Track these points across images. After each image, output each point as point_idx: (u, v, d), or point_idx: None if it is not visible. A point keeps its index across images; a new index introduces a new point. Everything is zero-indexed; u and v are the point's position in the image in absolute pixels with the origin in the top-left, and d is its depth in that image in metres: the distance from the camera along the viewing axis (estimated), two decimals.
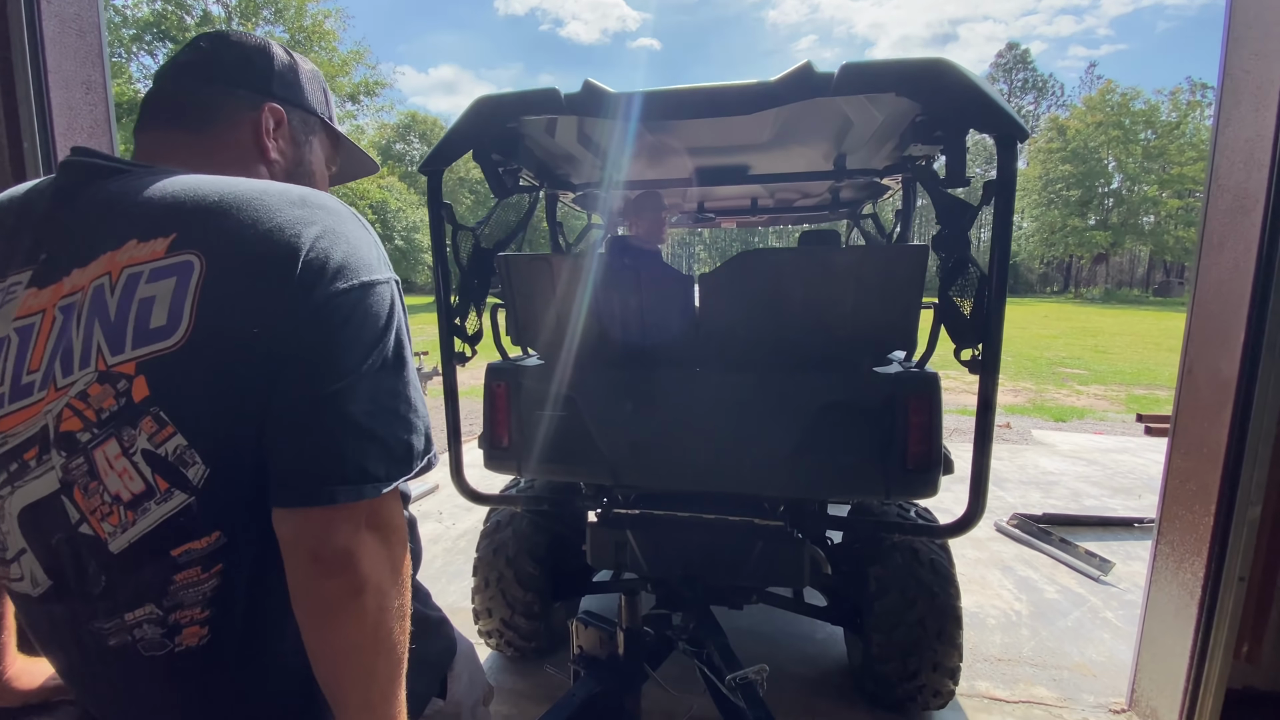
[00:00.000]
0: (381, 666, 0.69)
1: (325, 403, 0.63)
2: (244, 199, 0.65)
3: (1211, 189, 1.95)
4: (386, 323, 0.69)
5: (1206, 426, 1.92)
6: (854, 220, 3.78)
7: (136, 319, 0.62)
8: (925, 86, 1.47)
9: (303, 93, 0.89)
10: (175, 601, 0.65)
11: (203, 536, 0.64)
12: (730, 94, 1.59)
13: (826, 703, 2.28)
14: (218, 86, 0.81)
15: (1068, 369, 11.40)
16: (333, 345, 0.64)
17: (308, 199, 0.69)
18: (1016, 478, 5.09)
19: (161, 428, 0.62)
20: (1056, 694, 2.34)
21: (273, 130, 0.85)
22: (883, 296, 1.70)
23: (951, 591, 2.01)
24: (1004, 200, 1.51)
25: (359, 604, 0.65)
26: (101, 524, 0.64)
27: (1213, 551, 1.88)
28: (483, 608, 2.44)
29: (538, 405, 2.01)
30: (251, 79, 0.83)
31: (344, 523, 0.64)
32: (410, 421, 0.70)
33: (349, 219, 0.71)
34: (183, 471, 0.63)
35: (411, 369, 0.72)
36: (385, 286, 0.70)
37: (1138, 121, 39.91)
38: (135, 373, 0.62)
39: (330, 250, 0.65)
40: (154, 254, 0.63)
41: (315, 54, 19.46)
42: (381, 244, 0.76)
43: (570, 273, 1.89)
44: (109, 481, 0.63)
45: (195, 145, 0.79)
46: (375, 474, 0.66)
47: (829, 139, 2.29)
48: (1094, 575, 3.29)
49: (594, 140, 2.31)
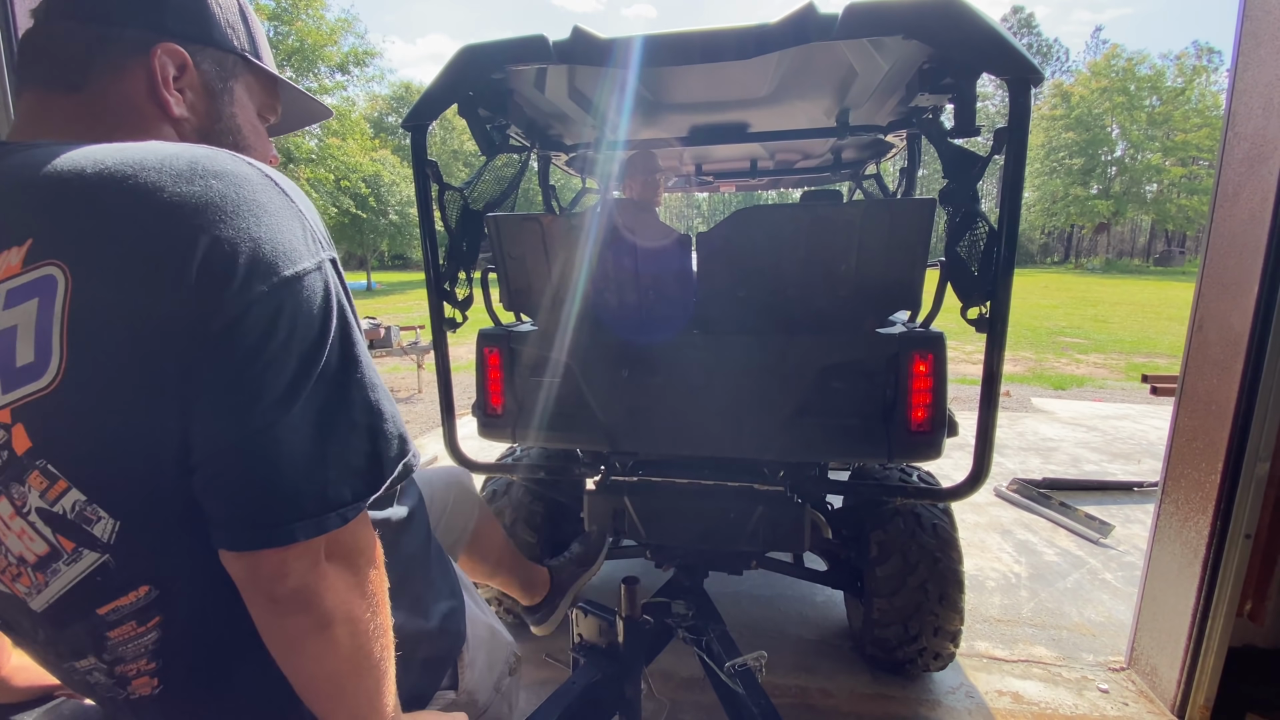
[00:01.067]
0: (364, 683, 0.63)
1: (260, 435, 0.53)
2: (112, 179, 0.51)
3: (1228, 137, 1.88)
4: (323, 321, 0.56)
5: (1215, 383, 1.88)
6: (857, 181, 3.70)
7: (1, 356, 0.51)
8: (935, 27, 1.39)
9: (210, 23, 0.68)
10: (116, 656, 0.59)
11: (128, 592, 0.56)
12: (727, 38, 1.51)
13: (827, 664, 2.29)
14: (93, 28, 0.62)
15: (1067, 338, 11.36)
16: (257, 365, 0.52)
17: (198, 167, 0.53)
18: (1016, 444, 5.08)
19: (53, 483, 0.52)
20: (1055, 653, 2.35)
21: (174, 79, 0.66)
22: (887, 253, 1.63)
23: (954, 555, 1.99)
24: (1016, 148, 1.44)
25: (328, 636, 0.59)
26: (15, 584, 0.57)
27: (1219, 509, 1.86)
28: None
29: (531, 371, 1.97)
30: (136, 13, 0.64)
31: (298, 560, 0.56)
32: (372, 428, 0.60)
33: (259, 187, 0.56)
34: (87, 529, 0.54)
35: (365, 365, 0.61)
36: (315, 275, 0.56)
37: (1143, 87, 39.23)
38: (11, 421, 0.51)
39: (236, 238, 0.51)
40: (9, 269, 0.51)
41: (302, 22, 18.92)
42: (311, 206, 0.61)
43: (563, 233, 1.82)
44: (9, 543, 0.55)
45: (76, 109, 0.62)
46: (339, 499, 0.57)
47: (831, 92, 2.20)
48: (1093, 538, 3.30)
49: (586, 96, 2.22)
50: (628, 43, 1.55)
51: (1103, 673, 2.23)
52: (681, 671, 2.22)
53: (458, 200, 2.02)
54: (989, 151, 1.54)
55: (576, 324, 1.89)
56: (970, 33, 1.38)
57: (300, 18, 19.00)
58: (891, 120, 2.43)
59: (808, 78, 2.06)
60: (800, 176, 3.78)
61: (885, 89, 2.05)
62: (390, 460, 0.61)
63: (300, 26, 18.93)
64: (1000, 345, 1.56)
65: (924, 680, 2.19)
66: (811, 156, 3.42)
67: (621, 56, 1.56)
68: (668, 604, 1.88)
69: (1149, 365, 8.77)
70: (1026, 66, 1.39)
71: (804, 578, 2.34)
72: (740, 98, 2.27)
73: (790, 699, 2.11)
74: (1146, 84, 39.40)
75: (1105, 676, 2.21)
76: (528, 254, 1.91)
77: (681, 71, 1.98)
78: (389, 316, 14.42)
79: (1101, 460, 4.70)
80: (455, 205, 2.01)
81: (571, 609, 1.64)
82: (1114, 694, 2.12)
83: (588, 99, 2.24)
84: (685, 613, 1.86)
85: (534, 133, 2.56)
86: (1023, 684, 2.18)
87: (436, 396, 2.07)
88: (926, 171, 25.50)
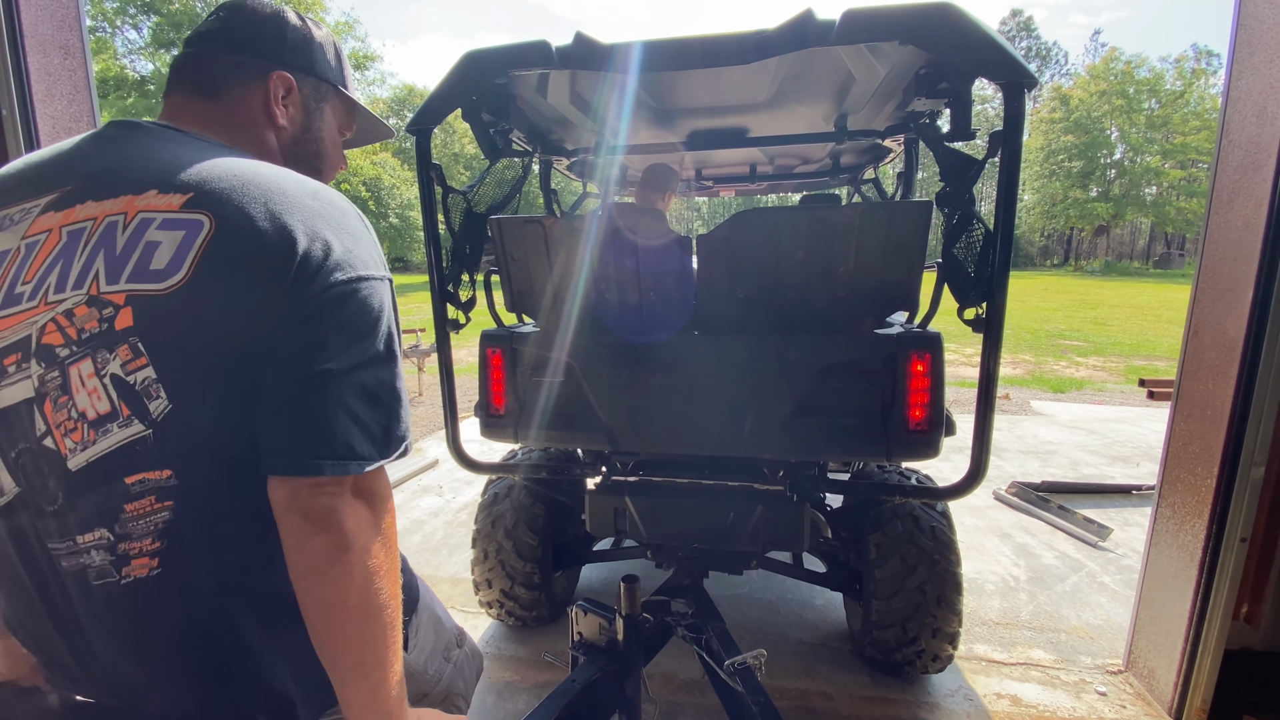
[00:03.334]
0: (373, 629, 0.72)
1: (318, 381, 0.69)
2: (263, 180, 0.71)
3: (1222, 144, 1.90)
4: (379, 315, 0.74)
5: (1211, 388, 1.90)
6: (855, 186, 3.71)
7: (139, 257, 0.66)
8: (931, 32, 1.41)
9: (314, 60, 0.93)
10: (125, 531, 0.68)
11: (155, 470, 0.68)
12: (728, 43, 1.54)
13: (826, 667, 2.30)
14: (230, 55, 0.86)
15: (1067, 341, 11.38)
16: (328, 329, 0.69)
17: (320, 193, 0.75)
18: (1015, 447, 5.09)
19: (136, 357, 0.66)
20: (1054, 656, 2.36)
21: (282, 98, 0.89)
22: (885, 254, 1.65)
23: (952, 558, 2.01)
24: (1011, 151, 1.47)
25: (346, 560, 0.69)
26: (65, 439, 0.67)
27: (1214, 513, 1.87)
28: (482, 579, 2.44)
29: (534, 372, 1.98)
30: (263, 47, 0.88)
31: (329, 488, 0.69)
32: (394, 410, 0.75)
33: (354, 217, 0.78)
34: (145, 402, 0.67)
35: (399, 365, 0.77)
36: (381, 283, 0.75)
37: (1141, 90, 39.28)
38: (124, 303, 0.66)
39: (333, 242, 0.71)
40: (169, 205, 0.68)
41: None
42: (380, 245, 0.82)
43: (565, 235, 1.84)
44: (79, 398, 0.67)
45: (212, 111, 0.86)
46: (361, 453, 0.71)
47: (829, 97, 2.22)
48: (1091, 541, 3.31)
49: (587, 101, 2.24)
50: (629, 48, 1.58)
51: (1100, 675, 2.24)
52: (681, 674, 2.23)
53: (461, 203, 2.04)
54: (984, 155, 1.56)
55: (578, 325, 1.90)
56: (966, 38, 1.40)
57: None
58: (889, 125, 2.45)
59: (806, 83, 2.08)
60: (799, 181, 3.79)
61: (882, 94, 2.07)
62: (398, 439, 0.76)
63: None
64: (997, 346, 1.58)
65: (923, 683, 2.20)
66: (810, 161, 3.44)
67: (623, 61, 1.59)
68: (667, 602, 1.89)
69: (1148, 368, 8.79)
70: (1021, 71, 1.41)
71: (803, 578, 2.35)
72: (739, 103, 2.29)
73: (790, 701, 2.12)
74: (1145, 87, 39.46)
75: (1103, 679, 2.22)
76: (530, 256, 1.93)
77: (681, 77, 2.00)
78: None
79: (1100, 463, 4.71)
80: (459, 208, 2.03)
81: (571, 608, 1.65)
82: (1112, 696, 2.13)
83: (589, 104, 2.26)
84: (685, 611, 1.87)
85: (536, 137, 2.59)
86: (1021, 687, 2.19)
87: (437, 399, 2.09)
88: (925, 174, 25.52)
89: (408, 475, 4.52)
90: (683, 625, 1.82)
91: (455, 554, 3.31)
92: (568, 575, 2.72)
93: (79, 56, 2.27)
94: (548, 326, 1.97)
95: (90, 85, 2.29)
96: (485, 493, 2.51)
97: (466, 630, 1.29)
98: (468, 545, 3.30)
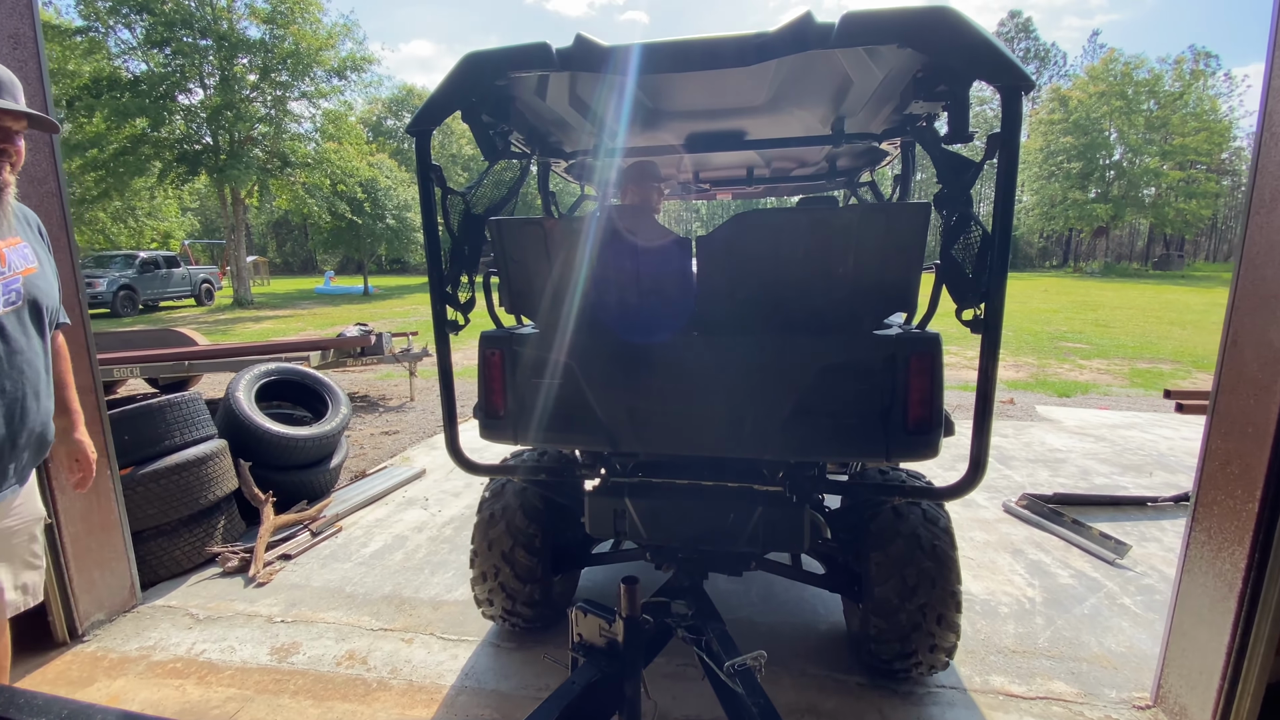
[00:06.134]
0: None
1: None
2: None
3: (1264, 139, 1.76)
4: None
5: (1253, 404, 1.75)
6: (852, 189, 3.68)
7: None
8: (929, 35, 1.42)
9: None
10: None
11: None
12: (727, 46, 1.54)
13: (822, 669, 2.29)
14: None
15: (1069, 343, 11.27)
16: None
17: None
18: (1023, 455, 4.93)
19: None
20: (1076, 689, 2.22)
21: None
22: (884, 256, 1.67)
23: (952, 578, 2.01)
24: (1009, 153, 1.47)
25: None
26: None
27: (1256, 540, 1.73)
28: (481, 579, 2.42)
29: (533, 373, 1.99)
30: None
31: None
32: None
33: None
34: None
35: None
36: None
37: (1140, 91, 39.19)
38: None
39: None
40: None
41: (297, 26, 18.78)
42: None
43: (564, 236, 1.84)
44: None
45: None
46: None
47: (827, 101, 2.22)
48: (1109, 559, 3.15)
49: (586, 103, 2.26)
50: (628, 50, 1.58)
51: (1128, 711, 2.10)
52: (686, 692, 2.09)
53: (460, 204, 2.05)
54: (982, 157, 1.57)
55: (577, 326, 1.91)
56: (963, 41, 1.41)
57: (295, 21, 18.89)
58: (886, 127, 2.46)
59: (804, 86, 2.08)
60: (796, 184, 3.81)
61: (880, 97, 2.08)
62: None
63: (296, 30, 18.82)
64: (995, 346, 1.58)
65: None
66: (808, 164, 3.45)
67: (622, 63, 1.59)
68: (667, 603, 1.90)
69: (1152, 370, 8.69)
70: (1018, 74, 1.42)
71: (802, 580, 2.37)
72: (738, 105, 2.29)
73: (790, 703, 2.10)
74: (1144, 88, 39.39)
75: (1130, 716, 2.07)
76: (529, 257, 1.94)
77: (680, 79, 2.01)
78: (382, 322, 14.30)
79: (1112, 472, 4.55)
80: (458, 209, 2.04)
81: (571, 609, 1.66)
82: None
83: (588, 106, 2.27)
84: (685, 612, 1.88)
85: (535, 139, 2.59)
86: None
87: (428, 405, 2.01)
88: (924, 175, 25.47)
89: (393, 486, 4.33)
90: (683, 626, 1.82)
91: (438, 573, 3.13)
92: (566, 578, 2.70)
93: (30, 46, 2.13)
94: (547, 327, 1.97)
95: (43, 76, 2.15)
96: (484, 493, 2.48)
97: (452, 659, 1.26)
98: (452, 563, 3.20)
